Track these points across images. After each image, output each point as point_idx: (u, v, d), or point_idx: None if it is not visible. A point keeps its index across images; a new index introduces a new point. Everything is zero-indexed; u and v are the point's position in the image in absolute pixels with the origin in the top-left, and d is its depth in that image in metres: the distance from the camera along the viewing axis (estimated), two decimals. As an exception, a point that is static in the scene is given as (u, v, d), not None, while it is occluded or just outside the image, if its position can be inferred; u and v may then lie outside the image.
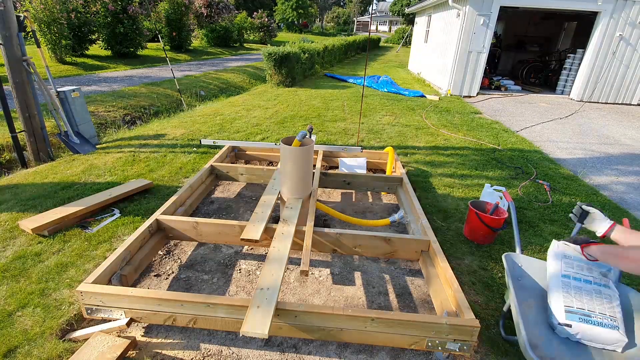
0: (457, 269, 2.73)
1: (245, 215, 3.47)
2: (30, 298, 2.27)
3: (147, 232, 2.66)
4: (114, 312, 2.06)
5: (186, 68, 13.11)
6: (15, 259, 2.63)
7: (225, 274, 2.65)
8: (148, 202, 3.55)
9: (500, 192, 3.52)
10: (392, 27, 64.99)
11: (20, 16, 4.20)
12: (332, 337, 1.98)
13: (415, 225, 3.05)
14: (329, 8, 66.82)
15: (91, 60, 12.14)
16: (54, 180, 3.96)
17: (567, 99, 10.18)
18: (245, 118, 6.83)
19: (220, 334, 2.12)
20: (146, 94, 8.49)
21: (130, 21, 12.56)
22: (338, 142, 5.52)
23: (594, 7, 8.84)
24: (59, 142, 5.17)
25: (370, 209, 3.73)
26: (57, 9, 10.21)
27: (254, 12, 27.80)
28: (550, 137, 6.48)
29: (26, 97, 4.39)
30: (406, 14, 34.57)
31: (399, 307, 2.42)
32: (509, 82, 11.48)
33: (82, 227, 3.07)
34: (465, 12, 9.14)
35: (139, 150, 4.99)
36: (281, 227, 2.56)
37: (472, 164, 4.89)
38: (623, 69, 9.45)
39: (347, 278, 2.66)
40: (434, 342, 1.91)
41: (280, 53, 10.02)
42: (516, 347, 2.08)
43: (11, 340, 1.97)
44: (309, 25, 45.57)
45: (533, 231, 3.32)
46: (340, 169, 4.33)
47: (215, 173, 3.98)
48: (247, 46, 24.05)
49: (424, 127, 6.65)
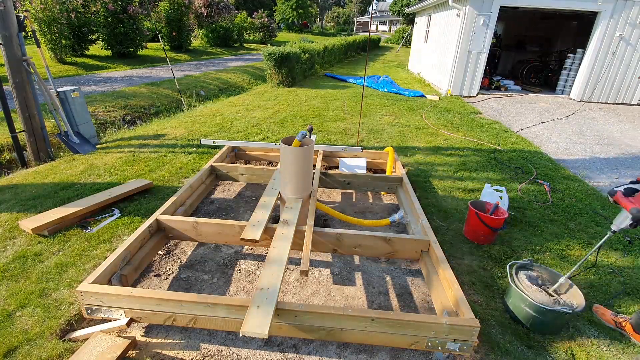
0: (457, 269, 2.73)
1: (245, 215, 3.47)
2: (30, 298, 2.27)
3: (147, 232, 2.66)
4: (114, 312, 2.06)
5: (186, 68, 13.11)
6: (15, 259, 2.63)
7: (225, 274, 2.65)
8: (148, 202, 3.55)
9: (500, 192, 3.52)
10: (392, 27, 64.96)
11: (20, 16, 4.20)
12: (332, 337, 1.98)
13: (415, 225, 3.05)
14: (329, 8, 66.82)
15: (91, 60, 12.14)
16: (54, 180, 3.96)
17: (567, 99, 10.18)
18: (245, 118, 6.83)
19: (220, 334, 2.12)
20: (146, 94, 8.49)
21: (130, 21, 12.56)
22: (338, 142, 5.51)
23: (594, 7, 8.83)
24: (59, 142, 5.17)
25: (370, 209, 3.73)
26: (57, 9, 10.21)
27: (254, 12, 27.81)
28: (550, 137, 6.48)
29: (26, 97, 4.39)
30: (406, 14, 34.57)
31: (399, 307, 2.42)
32: (509, 82, 11.48)
33: (82, 227, 3.07)
34: (465, 12, 9.13)
35: (139, 150, 4.99)
36: (281, 227, 2.55)
37: (472, 164, 4.89)
38: (623, 69, 9.44)
39: (347, 278, 2.66)
40: (434, 342, 1.91)
41: (280, 53, 10.02)
42: (516, 347, 2.09)
43: (11, 340, 1.97)
44: (309, 25, 45.54)
45: (533, 231, 3.32)
46: (340, 169, 4.33)
47: (215, 173, 3.98)
48: (247, 46, 24.04)
49: (424, 127, 6.65)
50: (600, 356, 2.07)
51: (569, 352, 2.08)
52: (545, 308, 2.08)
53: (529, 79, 12.45)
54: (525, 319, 2.20)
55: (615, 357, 2.08)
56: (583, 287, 2.58)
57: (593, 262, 2.79)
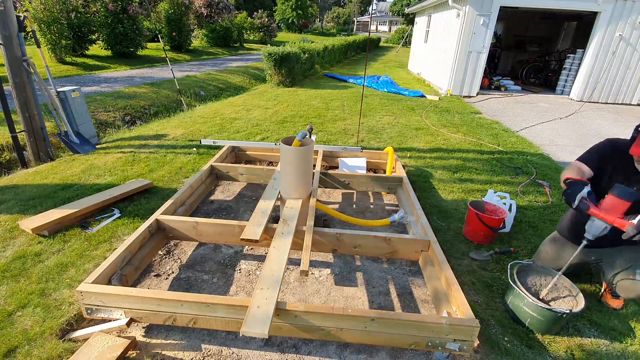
0: (457, 269, 2.73)
1: (245, 215, 3.47)
2: (30, 298, 2.27)
3: (147, 232, 2.66)
4: (114, 312, 2.06)
5: (186, 68, 13.11)
6: (15, 259, 2.63)
7: (225, 274, 2.65)
8: (148, 202, 3.55)
9: (504, 198, 3.40)
10: (392, 27, 64.96)
11: (20, 16, 4.20)
12: (332, 337, 1.98)
13: (415, 225, 3.05)
14: (329, 8, 66.83)
15: (91, 60, 12.14)
16: (54, 180, 3.96)
17: (567, 99, 10.18)
18: (245, 118, 6.83)
19: (220, 334, 2.12)
20: (146, 94, 8.49)
21: (130, 21, 12.55)
22: (338, 142, 5.51)
23: (594, 7, 8.84)
24: (59, 142, 5.17)
25: (370, 209, 3.73)
26: (57, 9, 10.20)
27: (254, 12, 27.79)
28: (550, 137, 6.48)
29: (26, 97, 4.39)
30: (406, 14, 34.55)
31: (399, 307, 2.42)
32: (508, 82, 11.48)
33: (82, 227, 3.07)
34: (465, 12, 9.13)
35: (139, 150, 4.99)
36: (281, 227, 2.55)
37: (472, 163, 4.89)
38: (623, 69, 9.45)
39: (347, 278, 2.66)
40: (434, 342, 1.91)
41: (280, 53, 10.02)
42: (516, 347, 2.09)
43: (11, 340, 1.97)
44: (309, 25, 45.55)
45: (533, 231, 3.31)
46: (340, 169, 4.33)
47: (215, 173, 3.98)
48: (247, 46, 24.04)
49: (424, 127, 6.65)
50: (600, 356, 2.07)
51: (569, 352, 2.09)
52: (545, 308, 2.08)
53: (529, 79, 12.45)
54: (525, 319, 2.20)
55: (616, 357, 2.08)
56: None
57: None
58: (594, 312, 2.40)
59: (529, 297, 2.14)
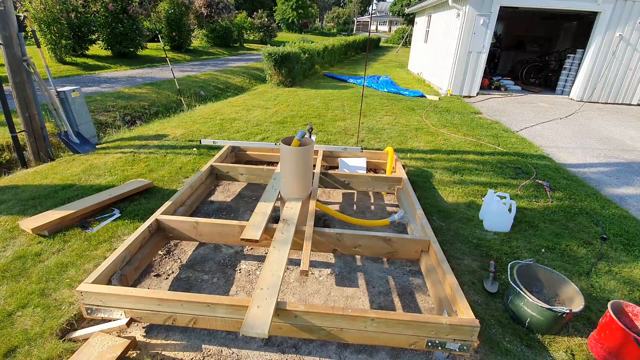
0: (457, 269, 2.73)
1: (245, 215, 3.47)
2: (30, 298, 2.27)
3: (147, 232, 2.66)
4: (114, 312, 2.06)
5: (186, 68, 13.11)
6: (15, 259, 2.63)
7: (225, 274, 2.65)
8: (148, 202, 3.55)
9: (504, 198, 3.30)
10: (392, 27, 64.95)
11: (20, 16, 4.20)
12: (332, 337, 1.98)
13: (415, 225, 3.05)
14: (329, 8, 66.82)
15: (91, 60, 12.14)
16: (54, 180, 3.96)
17: (567, 99, 10.18)
18: (245, 118, 6.83)
19: (220, 334, 2.12)
20: (146, 94, 8.48)
21: (130, 21, 12.55)
22: (338, 142, 5.51)
23: (594, 7, 8.83)
24: (59, 142, 5.17)
25: (370, 209, 3.73)
26: (57, 9, 10.21)
27: (254, 12, 27.79)
28: (550, 137, 6.48)
29: (26, 97, 4.39)
30: (406, 14, 34.55)
31: (399, 307, 2.42)
32: (508, 82, 11.48)
33: (82, 227, 3.07)
34: (465, 12, 9.13)
35: (139, 150, 4.98)
36: (281, 227, 2.55)
37: (472, 163, 4.89)
38: (623, 69, 9.44)
39: (347, 278, 2.66)
40: (434, 342, 1.91)
41: (280, 53, 10.02)
42: (516, 347, 2.09)
43: (11, 340, 1.97)
44: (309, 25, 45.54)
45: (533, 231, 3.32)
46: (340, 169, 4.33)
47: (215, 173, 3.98)
48: (247, 46, 24.04)
49: (424, 127, 6.65)
50: (600, 356, 2.07)
51: (568, 352, 2.09)
52: (545, 308, 2.08)
53: (529, 79, 12.45)
54: (525, 319, 2.20)
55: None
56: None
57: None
58: (594, 312, 2.40)
59: (529, 297, 2.14)
